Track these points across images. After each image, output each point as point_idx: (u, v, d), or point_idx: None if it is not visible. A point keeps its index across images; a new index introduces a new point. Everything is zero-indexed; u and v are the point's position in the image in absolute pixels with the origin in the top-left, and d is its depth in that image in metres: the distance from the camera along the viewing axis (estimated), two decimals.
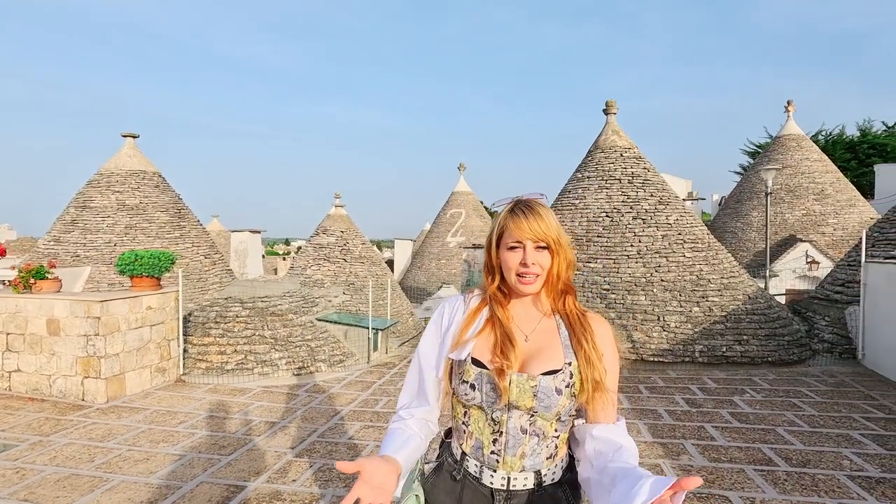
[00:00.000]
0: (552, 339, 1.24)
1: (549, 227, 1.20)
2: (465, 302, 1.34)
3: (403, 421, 1.29)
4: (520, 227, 1.20)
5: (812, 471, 3.72)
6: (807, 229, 15.42)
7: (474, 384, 1.20)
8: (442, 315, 1.34)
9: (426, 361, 1.32)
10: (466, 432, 1.25)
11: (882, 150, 25.80)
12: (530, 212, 1.21)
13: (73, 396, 5.47)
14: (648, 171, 9.01)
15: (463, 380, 1.22)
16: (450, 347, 1.27)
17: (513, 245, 1.21)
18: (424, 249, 21.51)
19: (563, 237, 1.23)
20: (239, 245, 16.28)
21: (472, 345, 1.24)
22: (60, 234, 11.13)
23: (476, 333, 1.25)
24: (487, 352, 1.23)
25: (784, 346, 7.03)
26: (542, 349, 1.23)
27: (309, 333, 7.53)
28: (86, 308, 5.37)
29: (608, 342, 1.26)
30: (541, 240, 1.20)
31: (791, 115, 17.23)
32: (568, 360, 1.20)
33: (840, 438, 4.33)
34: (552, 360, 1.20)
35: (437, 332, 1.34)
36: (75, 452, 4.15)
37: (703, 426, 4.68)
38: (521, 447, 1.20)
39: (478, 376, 1.20)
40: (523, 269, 1.20)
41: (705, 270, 7.89)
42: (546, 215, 1.21)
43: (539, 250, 1.21)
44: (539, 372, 1.19)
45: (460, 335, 1.26)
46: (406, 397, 1.34)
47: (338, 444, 4.39)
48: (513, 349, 1.20)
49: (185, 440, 4.45)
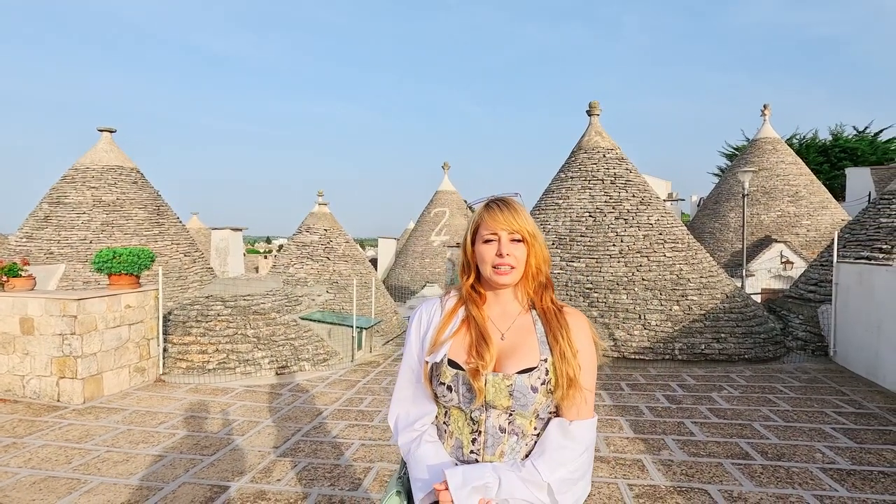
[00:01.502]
0: (528, 335, 1.24)
1: (524, 221, 1.22)
2: (441, 304, 1.34)
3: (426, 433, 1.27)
4: (495, 219, 1.21)
5: (787, 464, 3.84)
6: (781, 230, 15.85)
7: (451, 385, 1.21)
8: (420, 319, 1.34)
9: (416, 367, 1.32)
10: (447, 432, 1.25)
11: (853, 154, 26.64)
12: (505, 206, 1.23)
13: (48, 397, 5.33)
14: (630, 172, 9.16)
15: (440, 382, 1.22)
16: (426, 350, 1.27)
17: (488, 238, 1.22)
18: (408, 248, 21.47)
19: (537, 233, 1.24)
20: (220, 243, 16.03)
21: (447, 346, 1.24)
22: (33, 230, 10.81)
23: (452, 334, 1.25)
24: (463, 352, 1.23)
25: (760, 344, 7.23)
26: (518, 347, 1.23)
27: (292, 332, 7.47)
28: (61, 307, 5.24)
29: (584, 338, 1.25)
30: (515, 231, 1.21)
31: (767, 118, 17.68)
32: (543, 357, 1.20)
33: (813, 432, 4.47)
34: (527, 357, 1.21)
35: (417, 337, 1.33)
36: (51, 454, 4.04)
37: (682, 422, 4.79)
38: (501, 446, 1.20)
39: (454, 378, 1.20)
40: (498, 259, 1.21)
41: (685, 270, 8.06)
42: (521, 210, 1.23)
43: (514, 243, 1.22)
44: (515, 370, 1.19)
45: (436, 337, 1.26)
46: (403, 406, 1.32)
47: (322, 443, 4.37)
48: (488, 348, 1.20)
49: (166, 440, 4.38)
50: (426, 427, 1.29)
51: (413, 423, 1.29)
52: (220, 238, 16.03)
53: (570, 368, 1.18)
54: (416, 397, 1.31)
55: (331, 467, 3.86)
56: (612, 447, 4.20)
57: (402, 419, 1.31)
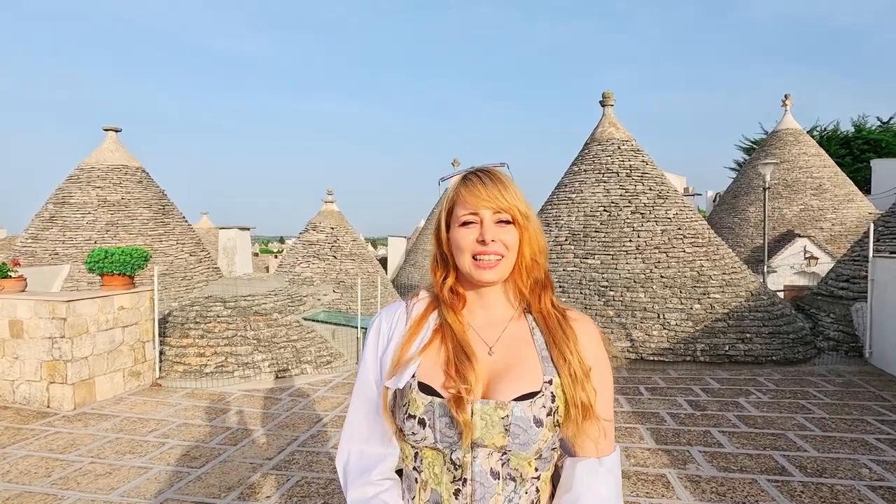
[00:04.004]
0: (525, 348, 0.94)
1: (514, 196, 0.93)
2: (407, 309, 1.02)
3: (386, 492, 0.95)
4: (474, 194, 0.92)
5: (829, 480, 3.45)
6: (804, 225, 15.23)
7: (423, 419, 0.89)
8: (378, 330, 1.01)
9: (373, 394, 0.99)
10: (418, 482, 0.93)
11: (877, 146, 25.69)
12: (488, 177, 0.94)
13: (38, 403, 5.12)
14: (647, 164, 8.74)
15: (408, 414, 0.90)
16: (387, 372, 0.95)
17: (466, 219, 0.93)
18: (419, 247, 21.19)
19: (531, 213, 0.95)
20: (227, 242, 15.89)
21: (416, 365, 0.92)
22: (38, 231, 10.73)
23: (421, 349, 0.93)
24: (439, 372, 0.91)
25: (788, 345, 6.78)
26: (513, 364, 0.92)
27: (294, 334, 7.20)
28: (50, 308, 5.02)
29: (598, 352, 0.96)
30: (503, 210, 0.92)
31: (788, 109, 17.03)
32: (548, 378, 0.91)
33: (855, 444, 4.06)
34: (527, 377, 0.90)
35: (374, 354, 1.00)
36: (31, 466, 3.81)
37: (708, 430, 4.41)
38: (494, 497, 0.88)
39: (428, 407, 0.89)
40: (481, 247, 0.91)
41: (706, 266, 7.63)
42: (509, 183, 0.94)
43: (501, 225, 0.92)
44: (511, 396, 0.88)
45: (399, 355, 0.94)
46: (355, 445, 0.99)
47: (319, 454, 4.08)
48: (472, 366, 0.89)
49: (154, 451, 4.12)
50: (387, 482, 0.96)
51: (369, 472, 0.96)
52: (227, 238, 15.89)
53: (583, 393, 0.90)
54: (372, 434, 0.98)
55: (325, 482, 3.57)
56: (632, 459, 3.85)
57: (354, 465, 0.98)
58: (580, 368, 0.91)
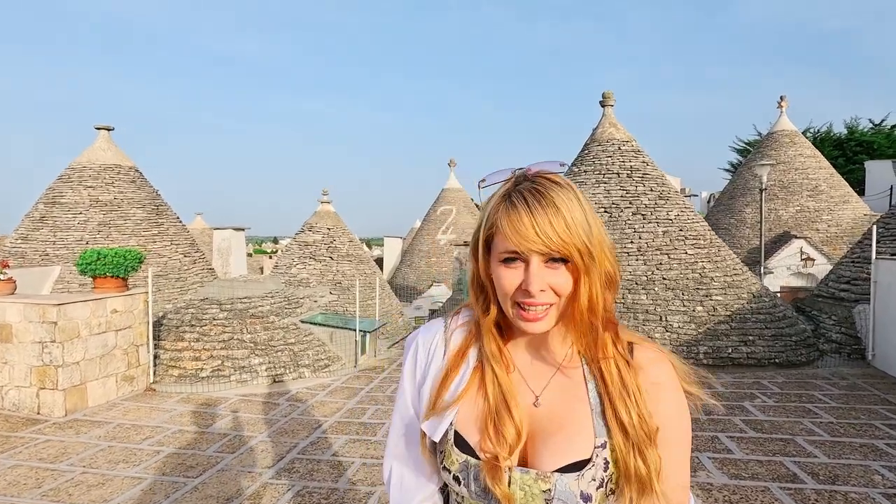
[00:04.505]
0: (576, 402, 0.80)
1: (572, 226, 0.72)
2: (445, 335, 0.89)
3: None
4: (518, 230, 0.72)
5: (843, 488, 3.38)
6: (801, 226, 15.27)
7: (458, 476, 0.80)
8: (415, 356, 0.90)
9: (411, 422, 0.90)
10: None
11: (869, 148, 25.87)
12: (538, 200, 0.73)
13: (28, 409, 4.97)
14: (647, 165, 8.68)
15: (444, 466, 0.82)
16: (424, 412, 0.85)
17: (508, 257, 0.75)
18: (414, 247, 21.08)
19: (595, 239, 0.75)
20: (221, 243, 15.70)
21: (453, 414, 0.82)
22: (28, 231, 10.51)
23: (460, 394, 0.82)
24: (475, 428, 0.80)
25: (791, 347, 6.74)
26: (561, 422, 0.79)
27: (292, 336, 7.08)
28: (40, 312, 4.87)
29: (671, 406, 0.79)
30: (556, 250, 0.73)
31: (784, 110, 17.07)
32: (600, 442, 0.77)
33: (865, 449, 4.00)
34: (575, 441, 0.77)
35: (412, 382, 0.90)
36: (20, 477, 3.67)
37: (716, 436, 4.34)
38: None
39: (463, 466, 0.79)
40: (526, 298, 0.75)
41: (708, 268, 7.58)
42: (566, 204, 0.73)
43: (553, 265, 0.74)
44: (555, 465, 0.76)
45: (436, 396, 0.84)
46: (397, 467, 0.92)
47: (320, 461, 3.96)
48: (513, 423, 0.78)
49: (149, 459, 3.99)
50: None
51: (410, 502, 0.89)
52: (221, 238, 15.70)
53: (640, 463, 0.74)
54: (409, 457, 0.90)
55: (328, 492, 3.46)
56: None
57: (395, 488, 0.91)
58: (641, 429, 0.75)
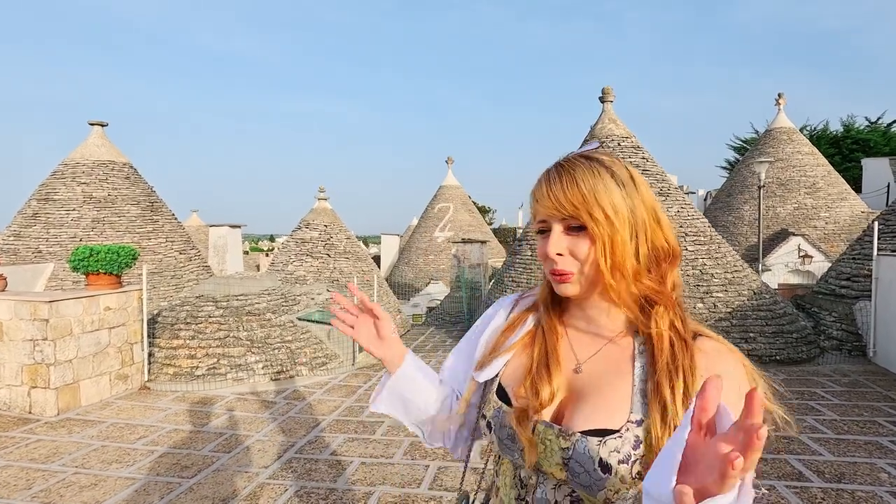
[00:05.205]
0: (618, 375, 0.77)
1: (587, 194, 0.74)
2: (513, 302, 0.98)
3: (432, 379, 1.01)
4: (537, 198, 0.81)
5: (849, 486, 3.34)
6: (798, 223, 15.27)
7: (491, 422, 0.85)
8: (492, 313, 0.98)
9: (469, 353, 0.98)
10: (495, 486, 0.90)
11: (865, 145, 25.94)
12: (558, 170, 0.78)
13: (19, 409, 4.87)
14: (647, 162, 8.62)
15: (482, 413, 0.88)
16: (477, 358, 0.93)
17: (541, 227, 0.82)
18: (412, 245, 20.99)
19: (619, 206, 0.74)
20: (218, 240, 15.56)
21: (501, 363, 0.87)
22: (21, 228, 10.37)
23: (510, 347, 0.88)
24: (517, 381, 0.84)
25: (792, 344, 6.70)
26: (599, 391, 0.76)
27: (289, 334, 6.99)
28: (32, 309, 4.77)
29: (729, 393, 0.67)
30: (568, 214, 0.76)
31: (782, 107, 17.06)
32: (636, 417, 0.72)
33: (870, 447, 3.96)
34: (608, 410, 0.74)
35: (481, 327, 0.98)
36: (10, 478, 3.58)
37: None
38: None
39: (497, 412, 0.84)
40: (548, 261, 0.80)
41: (708, 265, 7.53)
42: (586, 174, 0.75)
43: (573, 234, 0.77)
44: (581, 427, 0.74)
45: (495, 342, 0.92)
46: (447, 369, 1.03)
47: (318, 460, 3.89)
48: (550, 381, 0.79)
49: (143, 459, 3.91)
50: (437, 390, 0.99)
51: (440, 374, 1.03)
52: (217, 235, 15.56)
53: None
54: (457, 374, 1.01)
55: (326, 492, 3.38)
56: None
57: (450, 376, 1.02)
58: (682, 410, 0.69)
